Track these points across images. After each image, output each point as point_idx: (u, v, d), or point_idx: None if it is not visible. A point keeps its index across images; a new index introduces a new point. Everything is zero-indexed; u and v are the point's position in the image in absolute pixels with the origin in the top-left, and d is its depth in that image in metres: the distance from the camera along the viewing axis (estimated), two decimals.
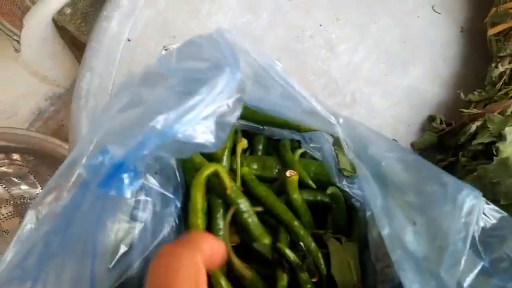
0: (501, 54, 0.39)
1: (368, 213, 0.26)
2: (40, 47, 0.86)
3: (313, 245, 0.30)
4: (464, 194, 0.21)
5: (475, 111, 0.36)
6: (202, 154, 0.31)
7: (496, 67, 0.39)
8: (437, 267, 0.19)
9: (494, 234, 0.20)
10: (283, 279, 0.29)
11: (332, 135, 0.31)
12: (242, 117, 0.34)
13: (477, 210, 0.20)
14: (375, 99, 0.43)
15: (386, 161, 0.25)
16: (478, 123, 0.35)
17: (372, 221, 0.25)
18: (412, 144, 0.41)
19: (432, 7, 0.48)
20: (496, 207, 0.21)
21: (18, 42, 0.75)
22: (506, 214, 0.21)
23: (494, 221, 0.20)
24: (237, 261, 0.29)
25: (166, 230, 0.26)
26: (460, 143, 0.35)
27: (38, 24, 0.81)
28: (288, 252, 0.30)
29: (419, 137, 0.41)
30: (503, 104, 0.34)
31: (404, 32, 0.47)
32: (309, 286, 0.29)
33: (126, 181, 0.20)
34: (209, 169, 0.29)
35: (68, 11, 0.85)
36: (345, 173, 0.29)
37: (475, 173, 0.31)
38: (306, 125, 0.31)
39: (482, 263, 0.20)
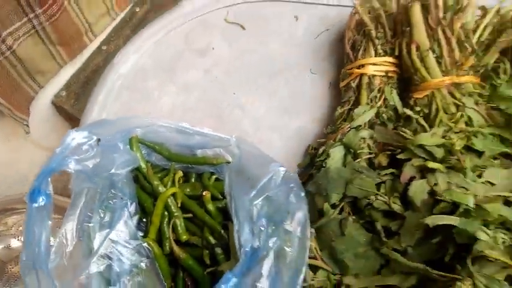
0: (343, 100, 0.62)
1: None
2: (44, 125, 1.09)
3: (222, 231, 0.50)
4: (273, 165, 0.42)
5: (324, 140, 0.58)
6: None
7: (340, 109, 0.61)
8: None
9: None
10: (207, 254, 0.50)
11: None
12: (179, 161, 0.55)
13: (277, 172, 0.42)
14: (275, 139, 0.65)
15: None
16: (324, 147, 0.56)
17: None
18: (298, 164, 0.62)
19: (310, 70, 0.71)
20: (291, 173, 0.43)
21: (27, 125, 0.98)
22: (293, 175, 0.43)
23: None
24: (175, 249, 0.50)
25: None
26: (315, 161, 0.57)
27: (40, 108, 1.05)
28: (209, 237, 0.50)
29: (303, 160, 0.63)
30: (335, 135, 0.56)
31: (292, 90, 0.69)
32: (221, 256, 0.49)
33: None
34: (171, 191, 0.51)
35: (64, 93, 1.07)
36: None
37: (315, 178, 0.52)
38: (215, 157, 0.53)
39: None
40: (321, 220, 0.50)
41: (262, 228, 0.42)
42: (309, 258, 0.48)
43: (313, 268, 0.48)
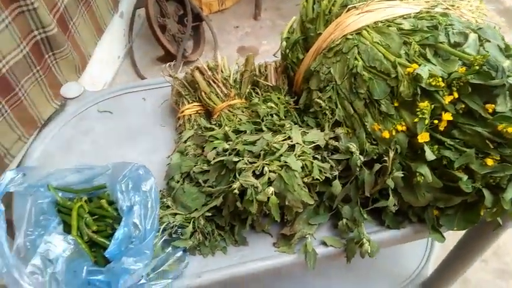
0: (178, 133, 1.03)
1: None
2: None
3: (116, 215, 0.84)
4: (131, 164, 0.80)
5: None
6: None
7: (177, 137, 1.02)
8: None
9: None
10: (110, 230, 0.83)
11: None
12: (81, 192, 0.89)
13: (133, 166, 0.79)
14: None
15: None
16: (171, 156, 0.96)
17: None
18: None
19: (160, 124, 1.12)
20: (140, 165, 0.81)
21: None
22: (142, 165, 0.80)
23: None
24: (91, 234, 0.82)
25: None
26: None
27: None
28: (110, 220, 0.84)
29: None
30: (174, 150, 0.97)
31: (152, 138, 1.09)
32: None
33: None
34: (79, 203, 0.84)
35: None
36: None
37: (167, 171, 0.90)
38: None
39: None
40: (173, 191, 0.87)
41: (130, 195, 0.79)
42: (170, 210, 0.84)
43: (173, 215, 0.84)
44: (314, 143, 0.84)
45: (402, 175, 0.78)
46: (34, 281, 0.71)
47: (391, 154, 0.78)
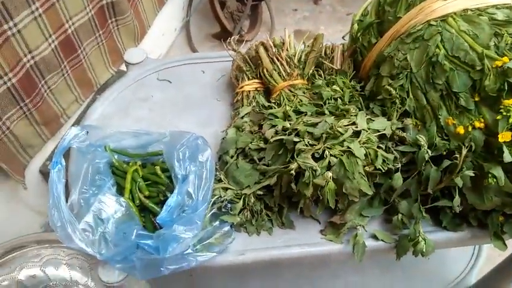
0: (235, 108, 1.01)
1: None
2: (34, 190, 1.39)
3: (168, 183, 0.84)
4: (188, 133, 0.79)
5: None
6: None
7: (233, 112, 1.00)
8: None
9: None
10: (162, 196, 0.83)
11: None
12: (136, 157, 0.90)
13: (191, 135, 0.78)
14: None
15: None
16: (226, 130, 0.94)
17: None
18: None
19: (216, 99, 1.11)
20: (199, 136, 0.79)
21: (24, 184, 1.30)
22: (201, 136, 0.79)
23: None
24: (143, 199, 0.82)
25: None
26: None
27: (32, 174, 1.36)
28: (161, 187, 0.84)
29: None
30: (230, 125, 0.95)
31: (207, 112, 1.08)
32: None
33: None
34: (134, 167, 0.84)
35: (48, 163, 1.41)
36: None
37: (222, 144, 0.89)
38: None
39: None
40: (226, 165, 0.86)
41: (186, 164, 0.78)
42: (221, 184, 0.83)
43: (225, 190, 0.83)
44: (379, 131, 0.80)
45: (473, 174, 0.72)
46: (85, 237, 0.72)
47: (464, 151, 0.72)
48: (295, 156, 0.77)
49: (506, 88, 0.68)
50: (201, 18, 2.42)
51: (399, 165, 0.78)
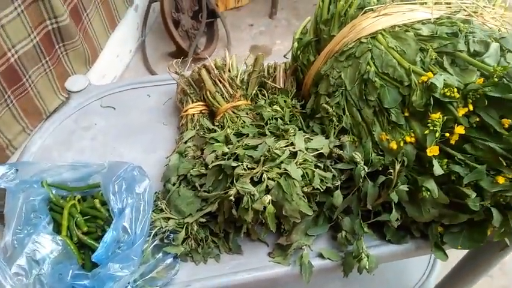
0: (180, 132, 0.99)
1: None
2: None
3: (107, 216, 0.81)
4: (125, 164, 0.76)
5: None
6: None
7: (178, 137, 0.98)
8: None
9: None
10: (100, 231, 0.80)
11: None
12: (75, 190, 0.87)
13: (128, 166, 0.76)
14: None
15: None
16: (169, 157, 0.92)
17: None
18: None
19: (163, 123, 1.09)
20: (136, 165, 0.77)
21: None
22: (138, 166, 0.77)
23: None
24: (80, 236, 0.79)
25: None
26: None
27: None
28: (100, 222, 0.81)
29: None
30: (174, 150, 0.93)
31: (153, 137, 1.06)
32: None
33: None
34: (71, 202, 0.81)
35: None
36: None
37: (164, 172, 0.87)
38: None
39: None
40: (169, 194, 0.84)
41: (123, 196, 0.76)
42: (163, 214, 0.81)
43: (166, 220, 0.81)
44: (318, 150, 0.80)
45: (407, 189, 0.73)
46: (18, 282, 0.69)
47: (397, 166, 0.73)
48: (234, 182, 0.76)
49: (432, 103, 0.70)
50: (156, 37, 2.40)
51: (339, 182, 0.78)
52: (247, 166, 0.77)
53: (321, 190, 0.76)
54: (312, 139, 0.82)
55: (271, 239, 0.85)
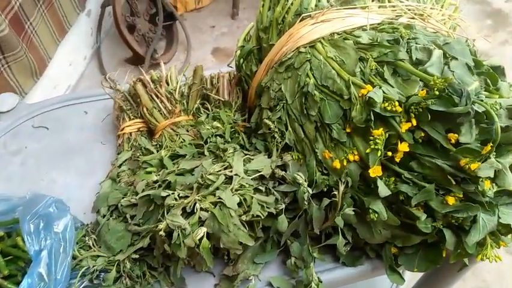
0: (117, 152, 0.91)
1: None
2: None
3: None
4: (46, 197, 0.68)
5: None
6: None
7: (114, 159, 0.90)
8: None
9: None
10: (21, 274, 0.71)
11: None
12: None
13: (48, 199, 0.67)
14: (78, 194, 0.91)
15: None
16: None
17: None
18: None
19: (101, 142, 1.00)
20: (58, 199, 0.69)
21: None
22: (60, 200, 0.68)
23: None
24: (0, 281, 0.71)
25: None
26: None
27: None
28: (22, 264, 0.72)
29: None
30: (109, 174, 0.85)
31: (90, 158, 0.97)
32: None
33: None
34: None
35: None
36: None
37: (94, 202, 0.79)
38: None
39: None
40: (99, 227, 0.76)
41: (41, 236, 0.67)
42: (91, 251, 0.73)
43: (95, 258, 0.73)
44: (259, 171, 0.73)
45: (353, 213, 0.67)
46: None
47: (341, 187, 0.67)
48: (165, 213, 0.69)
49: (373, 118, 0.64)
50: (113, 43, 2.29)
51: (283, 206, 0.72)
52: (179, 195, 0.70)
53: (262, 217, 0.69)
54: (252, 159, 0.76)
55: (218, 268, 0.78)
